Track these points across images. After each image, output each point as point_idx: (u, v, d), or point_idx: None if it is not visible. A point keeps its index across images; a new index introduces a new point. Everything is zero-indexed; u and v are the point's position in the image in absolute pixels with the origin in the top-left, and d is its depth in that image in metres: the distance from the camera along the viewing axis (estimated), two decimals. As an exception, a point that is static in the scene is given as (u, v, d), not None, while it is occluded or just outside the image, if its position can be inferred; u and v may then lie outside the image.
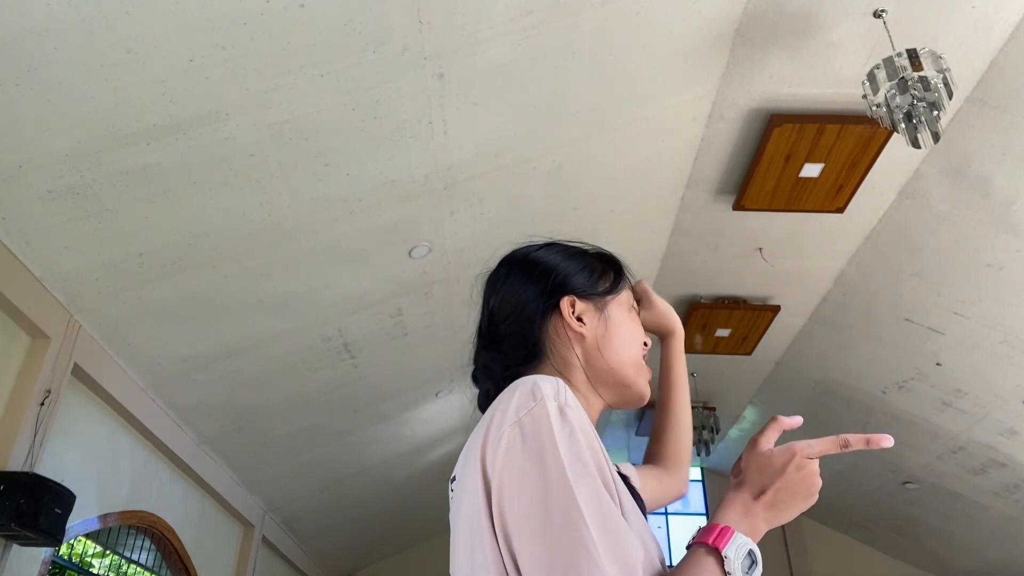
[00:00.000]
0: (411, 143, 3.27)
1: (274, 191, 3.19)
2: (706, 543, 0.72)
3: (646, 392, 0.99)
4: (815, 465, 0.79)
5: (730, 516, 0.75)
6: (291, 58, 2.65)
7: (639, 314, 1.09)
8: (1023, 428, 5.35)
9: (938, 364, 5.20)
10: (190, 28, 2.42)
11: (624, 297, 1.02)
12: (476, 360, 1.00)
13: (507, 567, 0.69)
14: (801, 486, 0.78)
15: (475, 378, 1.00)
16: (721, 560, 0.70)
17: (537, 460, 0.70)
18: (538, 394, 0.75)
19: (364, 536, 7.76)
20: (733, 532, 0.72)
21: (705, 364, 6.50)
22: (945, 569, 7.94)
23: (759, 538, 0.75)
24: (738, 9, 3.37)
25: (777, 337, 5.87)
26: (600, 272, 1.01)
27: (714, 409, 7.09)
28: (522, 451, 0.71)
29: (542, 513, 0.67)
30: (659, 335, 1.20)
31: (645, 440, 8.17)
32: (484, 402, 0.95)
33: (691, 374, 6.74)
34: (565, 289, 0.97)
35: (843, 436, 0.79)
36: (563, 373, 0.93)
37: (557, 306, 0.95)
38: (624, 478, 0.97)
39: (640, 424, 7.62)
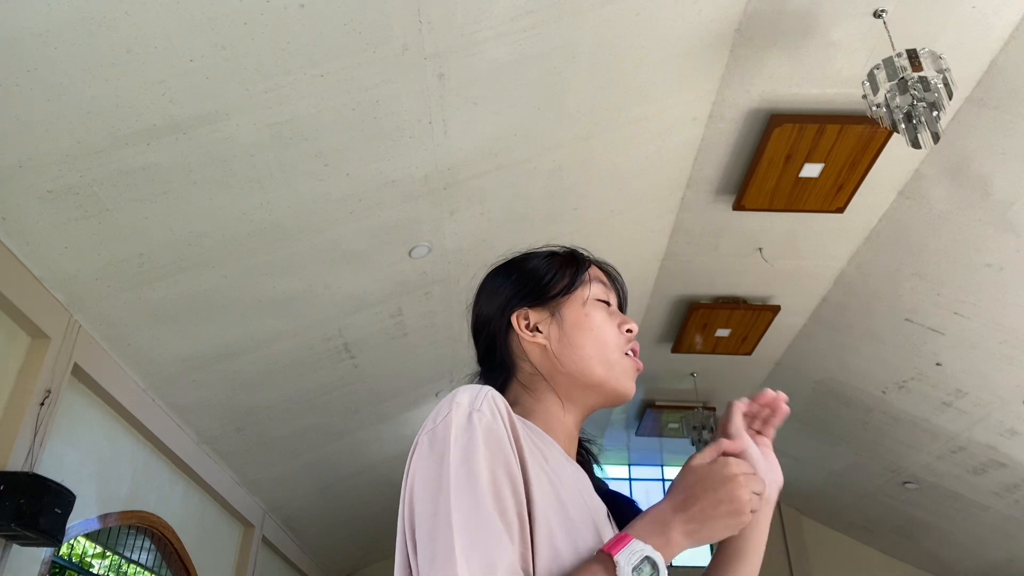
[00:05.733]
0: (411, 143, 3.27)
1: (274, 191, 3.19)
2: (602, 550, 0.72)
3: (625, 387, 0.94)
4: (735, 466, 0.76)
5: (637, 526, 0.75)
6: (291, 58, 2.65)
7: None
8: (1023, 428, 5.35)
9: (938, 364, 5.20)
10: (190, 28, 2.42)
11: (580, 294, 0.97)
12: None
13: (411, 565, 0.74)
14: (717, 480, 0.75)
15: None
16: (613, 565, 0.69)
17: (435, 466, 0.74)
18: (453, 402, 0.78)
19: (364, 536, 7.76)
20: (630, 539, 0.71)
21: (705, 364, 6.50)
22: (945, 569, 7.94)
23: (676, 550, 0.73)
24: (738, 9, 3.37)
25: (777, 337, 5.87)
26: (555, 273, 0.98)
27: (714, 409, 7.09)
28: (427, 456, 0.76)
29: (427, 516, 0.72)
30: None
31: (645, 440, 8.09)
32: None
33: (691, 374, 6.75)
34: (514, 303, 0.97)
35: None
36: (529, 387, 0.94)
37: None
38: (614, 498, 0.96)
39: (640, 424, 7.62)
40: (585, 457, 1.01)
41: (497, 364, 0.97)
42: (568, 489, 0.82)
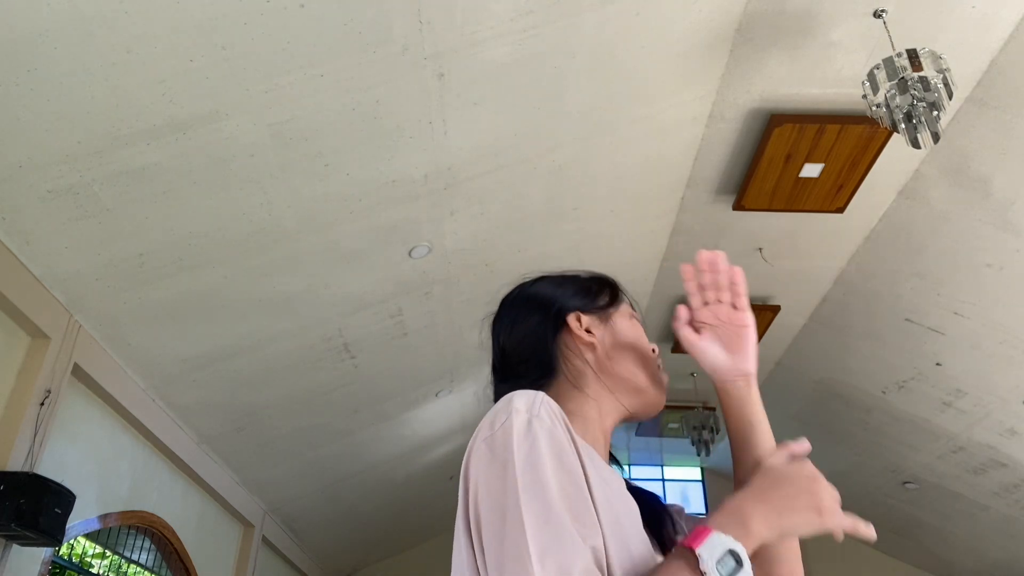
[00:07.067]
0: (411, 143, 3.27)
1: (274, 191, 3.19)
2: (683, 545, 0.71)
3: (659, 398, 1.01)
4: (813, 468, 0.81)
5: (715, 517, 0.75)
6: (291, 58, 2.65)
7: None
8: (1023, 428, 5.35)
9: (938, 364, 5.20)
10: (190, 28, 2.42)
11: (625, 309, 1.05)
12: (496, 396, 1.02)
13: (479, 568, 0.75)
14: (796, 475, 0.78)
15: None
16: (696, 560, 0.69)
17: (499, 472, 0.75)
18: (511, 408, 0.79)
19: (364, 536, 7.76)
20: (710, 532, 0.71)
21: (705, 364, 6.49)
22: (945, 569, 7.94)
23: (756, 542, 0.73)
24: (738, 9, 3.37)
25: (777, 337, 5.87)
26: (596, 291, 1.05)
27: (714, 409, 7.09)
28: (489, 462, 0.76)
29: (495, 521, 0.73)
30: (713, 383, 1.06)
31: (645, 440, 8.07)
32: None
33: (691, 374, 6.74)
34: (569, 307, 1.01)
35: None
36: (576, 384, 0.96)
37: (565, 324, 0.99)
38: (661, 515, 0.97)
39: (640, 424, 7.62)
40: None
41: (544, 364, 0.98)
42: (615, 491, 0.84)
